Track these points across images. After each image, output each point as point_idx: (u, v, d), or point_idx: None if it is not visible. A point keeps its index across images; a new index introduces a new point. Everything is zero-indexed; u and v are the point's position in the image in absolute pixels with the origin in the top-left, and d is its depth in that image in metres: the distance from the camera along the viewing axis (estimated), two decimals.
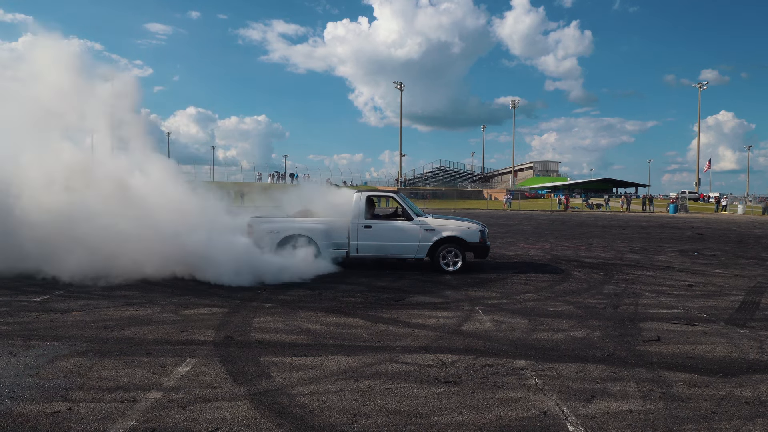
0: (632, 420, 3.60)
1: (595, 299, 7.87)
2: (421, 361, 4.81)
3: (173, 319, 6.18)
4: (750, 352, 5.28)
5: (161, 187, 9.70)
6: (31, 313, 6.40)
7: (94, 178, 9.33)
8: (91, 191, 9.07)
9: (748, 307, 7.50)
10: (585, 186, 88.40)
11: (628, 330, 6.05)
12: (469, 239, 10.10)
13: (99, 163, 9.96)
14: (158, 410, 3.64)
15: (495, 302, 7.53)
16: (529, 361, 4.87)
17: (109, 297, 7.33)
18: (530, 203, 58.75)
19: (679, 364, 4.85)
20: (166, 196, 9.52)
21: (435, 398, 3.94)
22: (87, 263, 8.32)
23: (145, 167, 9.99)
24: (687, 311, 7.13)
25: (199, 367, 4.54)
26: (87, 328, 5.74)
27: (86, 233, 8.45)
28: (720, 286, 9.19)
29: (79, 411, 3.61)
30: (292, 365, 4.63)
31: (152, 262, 8.50)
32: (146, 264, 8.47)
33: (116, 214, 8.65)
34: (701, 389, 4.20)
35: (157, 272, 8.59)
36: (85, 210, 8.74)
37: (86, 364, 4.57)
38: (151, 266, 8.51)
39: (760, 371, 4.68)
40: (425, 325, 6.15)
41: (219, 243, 8.94)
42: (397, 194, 10.70)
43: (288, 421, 3.50)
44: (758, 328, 6.23)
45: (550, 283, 9.17)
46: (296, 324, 6.09)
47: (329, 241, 9.86)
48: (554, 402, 3.89)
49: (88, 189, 9.11)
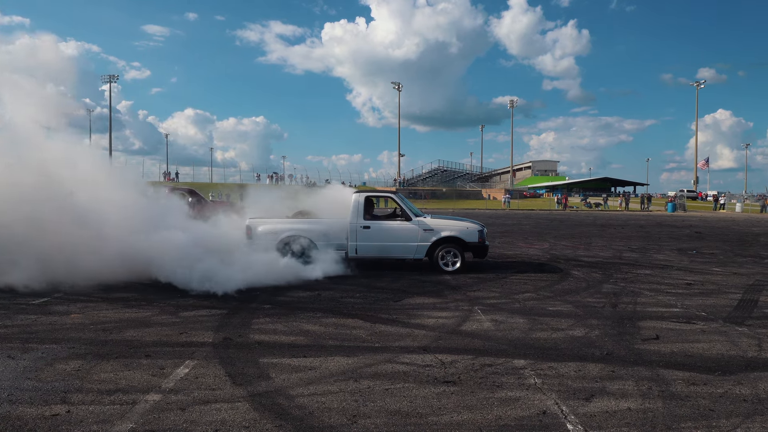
0: (631, 418, 3.61)
1: (593, 298, 7.88)
2: (421, 361, 4.81)
3: (172, 321, 6.18)
4: (748, 349, 5.29)
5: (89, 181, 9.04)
6: (29, 315, 6.39)
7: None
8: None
9: (747, 305, 7.51)
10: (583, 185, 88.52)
11: (626, 329, 6.06)
12: (468, 239, 10.11)
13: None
14: (157, 412, 3.64)
15: (494, 302, 7.53)
16: (529, 360, 4.87)
17: (108, 299, 7.32)
18: (529, 203, 58.79)
19: (677, 362, 4.86)
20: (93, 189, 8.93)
21: (434, 398, 3.94)
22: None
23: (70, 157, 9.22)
24: (685, 309, 7.15)
25: (198, 368, 4.54)
26: (86, 331, 5.73)
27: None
28: (718, 285, 9.21)
29: (78, 414, 3.61)
30: (291, 366, 4.63)
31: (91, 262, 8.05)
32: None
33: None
34: (700, 387, 4.21)
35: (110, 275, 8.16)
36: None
37: (85, 366, 4.57)
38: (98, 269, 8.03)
39: (758, 369, 4.69)
40: (424, 325, 6.15)
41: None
42: (395, 194, 10.70)
43: (287, 422, 3.50)
44: (756, 326, 6.24)
45: (549, 283, 9.18)
46: (295, 325, 6.09)
47: (328, 241, 9.86)
48: (553, 401, 3.90)
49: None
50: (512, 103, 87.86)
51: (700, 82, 73.21)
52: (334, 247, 9.88)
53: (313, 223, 10.08)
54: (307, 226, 9.99)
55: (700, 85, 72.56)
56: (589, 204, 53.53)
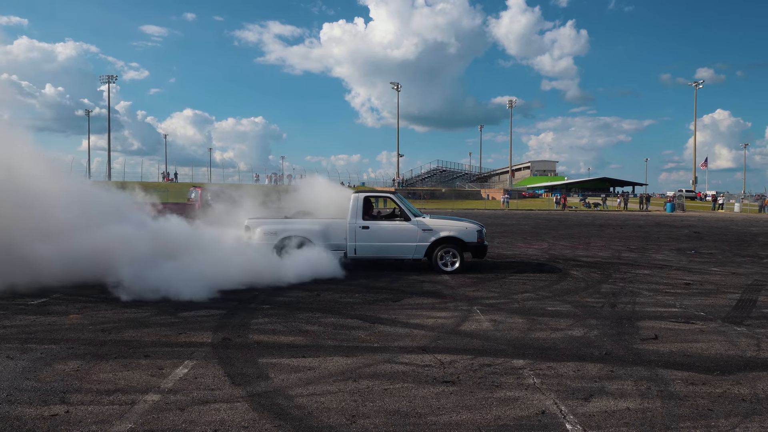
0: (630, 418, 3.61)
1: (592, 298, 7.89)
2: (420, 361, 4.81)
3: (171, 321, 6.17)
4: (747, 349, 5.30)
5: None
6: (28, 316, 6.38)
7: None
8: None
9: (745, 305, 7.53)
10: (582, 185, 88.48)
11: (625, 329, 6.07)
12: (466, 239, 10.11)
13: None
14: (156, 412, 3.63)
15: (493, 302, 7.54)
16: (527, 360, 4.88)
17: (107, 300, 7.31)
18: (528, 203, 58.83)
19: (676, 362, 4.87)
20: None
21: (433, 398, 3.94)
22: None
23: None
24: (684, 309, 7.16)
25: (197, 369, 4.54)
26: (85, 331, 5.72)
27: None
28: (717, 284, 9.22)
29: (77, 414, 3.60)
30: (290, 366, 4.63)
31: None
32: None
33: None
34: (698, 387, 4.22)
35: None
36: None
37: (84, 367, 4.57)
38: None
39: (757, 369, 4.70)
40: (423, 325, 6.15)
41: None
42: (394, 195, 10.71)
43: (287, 422, 3.50)
44: (755, 326, 6.25)
45: (547, 283, 9.19)
46: (294, 325, 6.08)
47: (327, 242, 9.86)
48: (552, 401, 3.90)
49: None
50: (511, 104, 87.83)
51: (699, 82, 73.34)
52: (333, 248, 9.89)
53: (312, 223, 10.08)
54: (306, 226, 9.99)
55: (698, 86, 72.66)
56: (588, 204, 53.57)
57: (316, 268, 9.13)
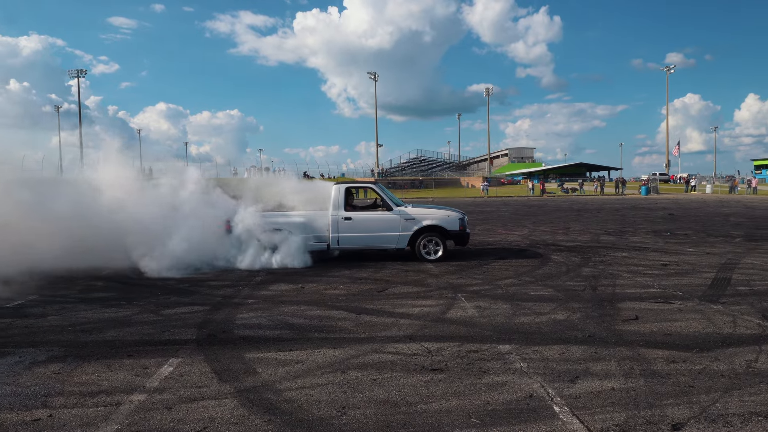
0: (615, 398, 3.69)
1: (574, 282, 8.02)
2: (407, 350, 4.83)
3: (154, 320, 6.07)
4: (723, 326, 5.46)
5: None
6: (4, 319, 6.20)
7: None
8: None
9: (720, 283, 7.74)
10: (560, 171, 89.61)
11: (607, 310, 6.19)
12: (449, 227, 10.16)
13: None
14: (143, 412, 3.58)
15: (477, 289, 7.60)
16: (513, 345, 4.94)
17: (86, 300, 7.16)
18: (507, 189, 59.37)
19: (657, 341, 4.99)
20: None
21: (422, 386, 3.96)
22: None
23: None
24: (662, 290, 7.32)
25: (182, 366, 4.47)
26: (64, 333, 5.59)
27: None
28: (693, 265, 9.46)
29: (60, 417, 3.52)
30: (277, 360, 4.60)
31: None
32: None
33: None
34: (679, 365, 4.33)
35: None
36: None
37: (65, 369, 4.46)
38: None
39: (733, 345, 4.84)
40: (409, 314, 6.18)
41: None
42: (375, 185, 10.68)
43: (276, 417, 3.48)
44: (730, 304, 6.43)
45: (529, 268, 9.30)
46: (280, 319, 6.05)
47: (309, 234, 9.80)
48: (539, 384, 3.96)
49: None
50: (488, 91, 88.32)
51: (670, 67, 74.70)
52: (316, 240, 9.84)
53: (294, 215, 10.00)
54: (288, 219, 9.91)
55: (669, 70, 74.02)
56: (565, 189, 54.29)
57: (294, 256, 9.67)
